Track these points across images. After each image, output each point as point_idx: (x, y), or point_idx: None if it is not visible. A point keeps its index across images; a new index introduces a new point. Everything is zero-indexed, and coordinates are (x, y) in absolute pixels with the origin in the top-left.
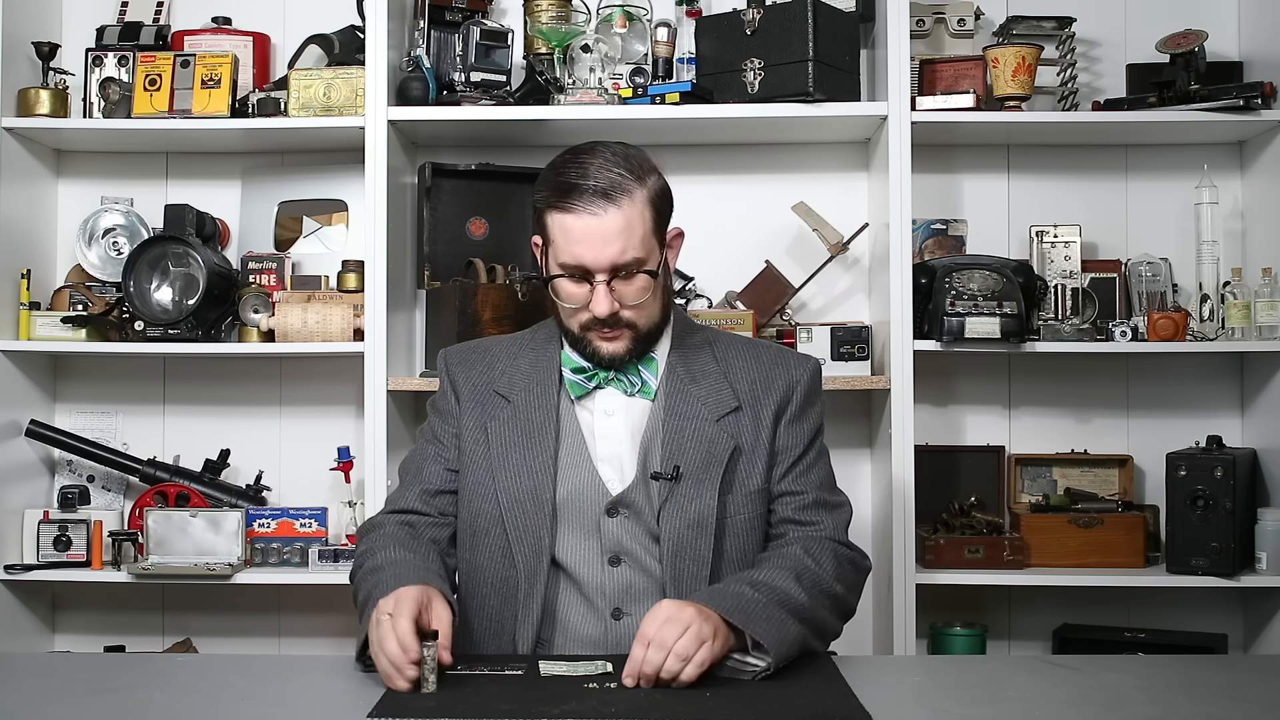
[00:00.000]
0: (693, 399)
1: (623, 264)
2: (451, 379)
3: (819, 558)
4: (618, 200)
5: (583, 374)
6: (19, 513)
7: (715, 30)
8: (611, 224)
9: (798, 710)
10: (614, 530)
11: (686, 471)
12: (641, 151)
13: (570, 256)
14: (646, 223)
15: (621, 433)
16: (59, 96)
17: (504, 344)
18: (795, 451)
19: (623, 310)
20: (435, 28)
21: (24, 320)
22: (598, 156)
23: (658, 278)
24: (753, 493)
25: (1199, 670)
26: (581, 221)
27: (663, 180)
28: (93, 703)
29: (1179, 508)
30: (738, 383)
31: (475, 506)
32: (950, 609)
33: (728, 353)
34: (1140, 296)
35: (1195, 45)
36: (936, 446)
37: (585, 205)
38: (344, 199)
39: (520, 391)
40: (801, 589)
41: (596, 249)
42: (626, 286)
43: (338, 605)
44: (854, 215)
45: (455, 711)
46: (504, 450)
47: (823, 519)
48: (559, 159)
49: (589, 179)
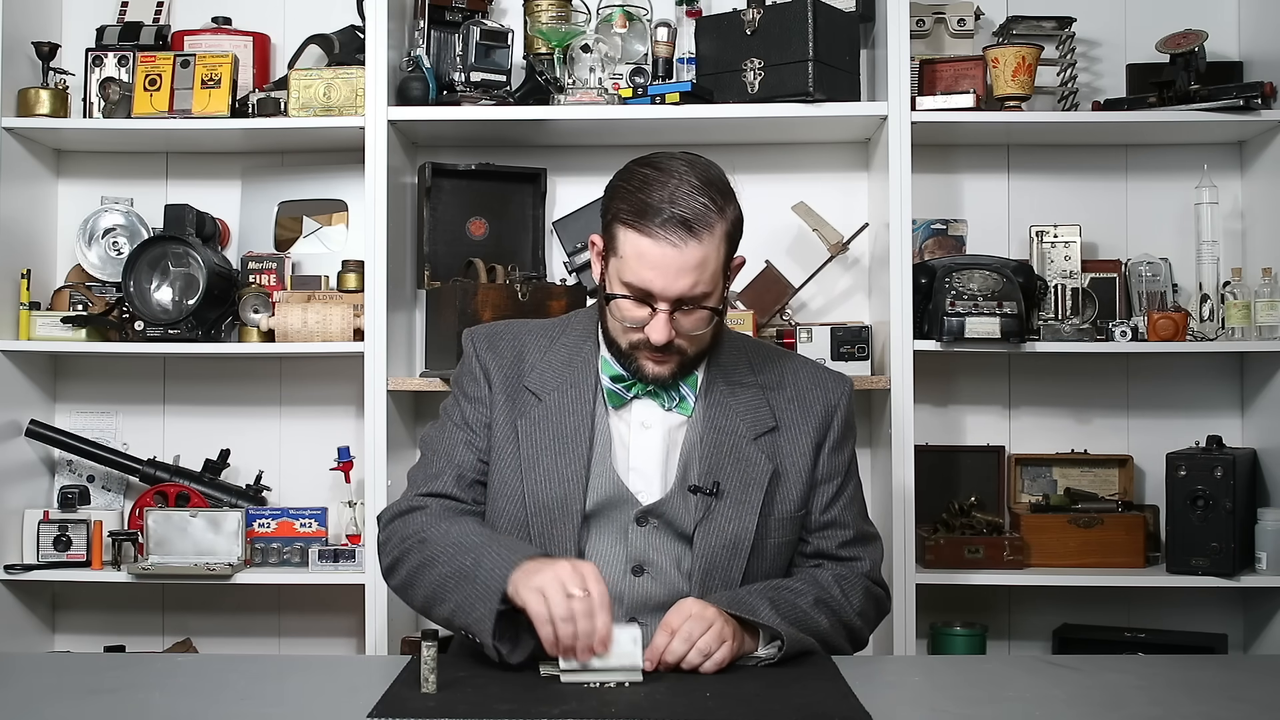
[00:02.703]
0: (731, 415)
1: (690, 298)
2: (482, 364)
3: (849, 592)
4: (699, 234)
5: (621, 383)
6: (19, 513)
7: (715, 30)
8: (689, 258)
9: (798, 710)
10: (640, 540)
11: (726, 490)
12: (722, 173)
13: (638, 280)
14: (720, 257)
15: (656, 445)
16: (59, 96)
17: (534, 333)
18: (837, 481)
19: (678, 339)
20: (435, 28)
21: (24, 320)
22: (683, 180)
23: (719, 314)
24: (787, 518)
25: (1199, 670)
26: (659, 249)
27: (739, 209)
28: (93, 703)
29: (1179, 508)
30: (775, 401)
31: (499, 507)
32: (950, 609)
33: (765, 367)
34: (1140, 296)
35: (1195, 45)
36: (936, 446)
37: (666, 233)
38: (344, 199)
39: (553, 391)
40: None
41: (668, 280)
42: (687, 318)
43: (338, 605)
44: (854, 215)
45: (455, 711)
46: (534, 453)
47: (861, 555)
48: (638, 169)
49: (674, 204)
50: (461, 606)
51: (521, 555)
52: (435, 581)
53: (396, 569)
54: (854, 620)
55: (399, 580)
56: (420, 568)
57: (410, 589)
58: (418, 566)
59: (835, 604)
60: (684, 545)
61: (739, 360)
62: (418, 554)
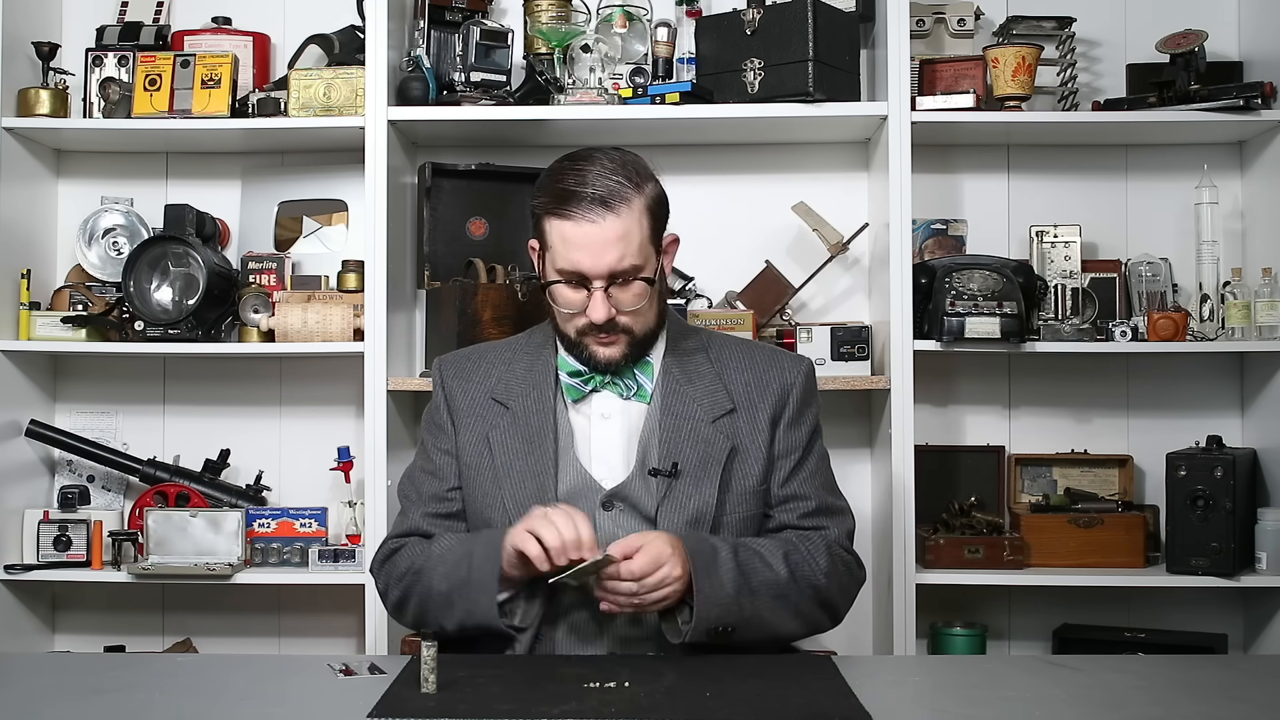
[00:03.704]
0: (688, 400)
1: (620, 271)
2: (447, 392)
3: (813, 552)
4: (616, 208)
5: (579, 377)
6: (19, 513)
7: (715, 30)
8: (610, 231)
9: (798, 710)
10: (609, 524)
11: (685, 469)
12: (639, 158)
13: (568, 263)
14: (644, 230)
15: (617, 434)
16: (59, 96)
17: (498, 350)
18: (796, 455)
19: (619, 316)
20: (435, 28)
21: (24, 320)
22: (596, 164)
23: (654, 284)
24: (748, 492)
25: (1199, 670)
26: (580, 229)
27: (660, 187)
28: (93, 703)
29: (1179, 508)
30: (732, 384)
31: (486, 516)
32: (950, 609)
33: (721, 354)
34: (1140, 296)
35: (1195, 45)
36: (936, 446)
37: (584, 212)
38: (344, 199)
39: (518, 397)
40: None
41: (595, 256)
42: (623, 293)
43: (338, 605)
44: (854, 215)
45: (455, 711)
46: (508, 459)
47: (827, 525)
48: (557, 165)
49: (588, 186)
50: (469, 611)
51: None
52: (440, 602)
53: (404, 607)
54: (819, 579)
55: (411, 616)
56: (424, 599)
57: (423, 617)
58: (422, 598)
59: (797, 557)
60: (649, 526)
61: (696, 351)
62: (417, 587)
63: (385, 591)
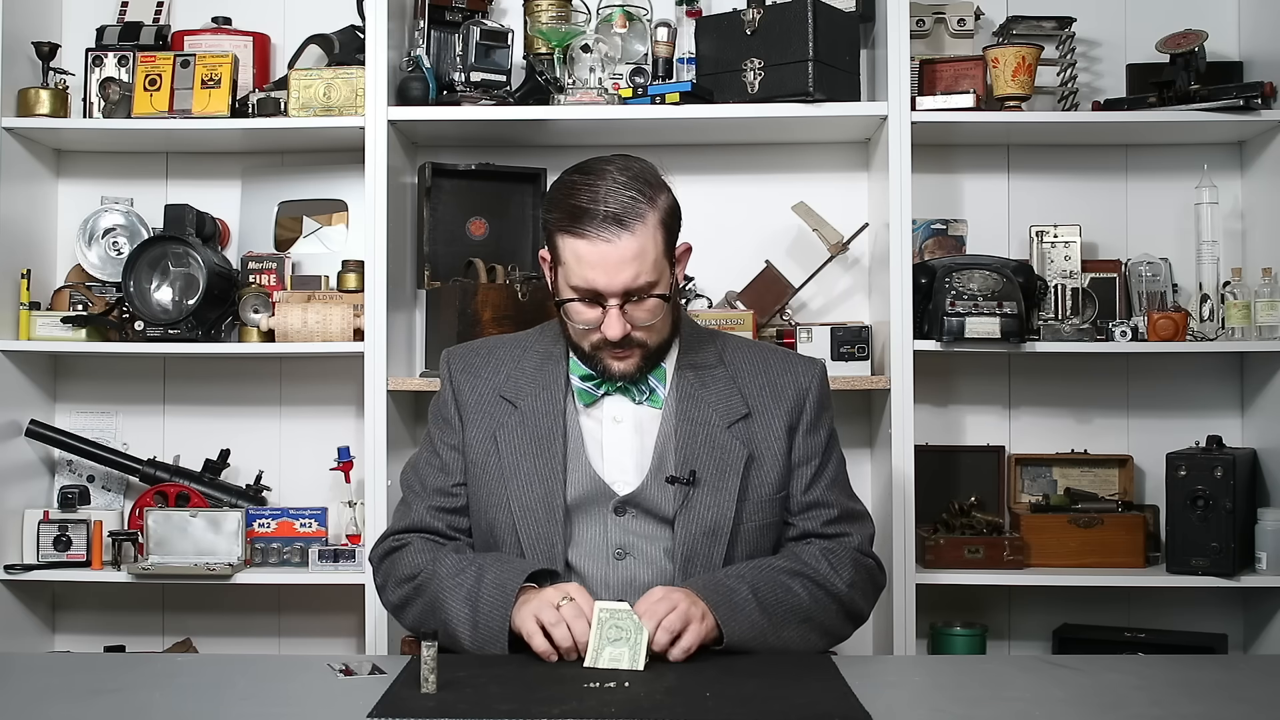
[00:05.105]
0: (703, 406)
1: (635, 289)
2: (455, 387)
3: (837, 565)
4: (631, 226)
5: (591, 381)
6: (19, 513)
7: (715, 30)
8: (625, 250)
9: (798, 710)
10: (620, 528)
11: (703, 478)
12: (650, 166)
13: (583, 281)
14: (658, 245)
15: (629, 438)
16: (59, 96)
17: (508, 345)
18: (815, 462)
19: (634, 331)
20: (435, 28)
21: (24, 320)
22: (607, 177)
23: (669, 299)
24: (765, 500)
25: (1199, 670)
26: (595, 248)
27: (672, 196)
28: (93, 703)
29: (1179, 508)
30: (746, 388)
31: (491, 516)
32: (950, 609)
33: (734, 357)
34: (1140, 296)
35: (1195, 45)
36: (936, 446)
37: (598, 231)
38: (344, 199)
39: (527, 397)
40: (801, 587)
41: (610, 275)
42: (638, 309)
43: (338, 605)
44: (854, 215)
45: (455, 711)
46: (515, 459)
47: (850, 532)
48: (569, 178)
49: (601, 203)
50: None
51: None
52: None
53: (403, 612)
54: (844, 591)
55: (409, 623)
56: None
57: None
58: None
59: (819, 576)
60: (665, 527)
61: (709, 353)
62: (419, 600)
63: (383, 587)
